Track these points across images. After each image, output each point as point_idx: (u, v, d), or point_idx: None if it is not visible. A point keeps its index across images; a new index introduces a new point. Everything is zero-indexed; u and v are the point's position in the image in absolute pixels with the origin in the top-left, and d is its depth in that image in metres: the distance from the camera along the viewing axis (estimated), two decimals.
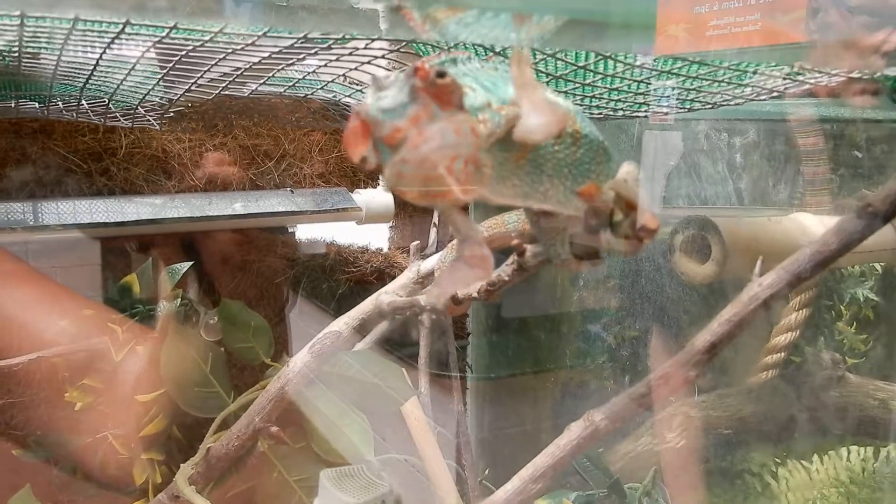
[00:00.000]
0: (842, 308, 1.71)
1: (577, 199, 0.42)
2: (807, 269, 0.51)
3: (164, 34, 0.58)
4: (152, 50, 0.71)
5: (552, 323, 1.85)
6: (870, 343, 1.72)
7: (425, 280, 0.88)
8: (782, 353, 1.56)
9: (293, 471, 1.11)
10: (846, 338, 1.71)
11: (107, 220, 1.40)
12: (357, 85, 0.94)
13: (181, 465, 1.07)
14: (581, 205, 0.41)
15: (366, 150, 0.40)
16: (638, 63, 0.67)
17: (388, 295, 0.88)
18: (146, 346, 1.19)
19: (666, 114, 0.91)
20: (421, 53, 0.74)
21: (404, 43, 0.69)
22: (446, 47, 0.70)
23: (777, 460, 1.59)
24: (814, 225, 1.36)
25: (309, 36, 0.67)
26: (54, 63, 0.72)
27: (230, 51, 0.66)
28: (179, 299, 1.26)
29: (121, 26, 0.55)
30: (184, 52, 0.65)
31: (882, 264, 1.69)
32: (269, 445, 1.09)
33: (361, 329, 0.96)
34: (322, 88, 0.93)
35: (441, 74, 0.39)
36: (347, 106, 1.11)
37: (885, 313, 1.71)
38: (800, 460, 1.56)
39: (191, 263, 1.34)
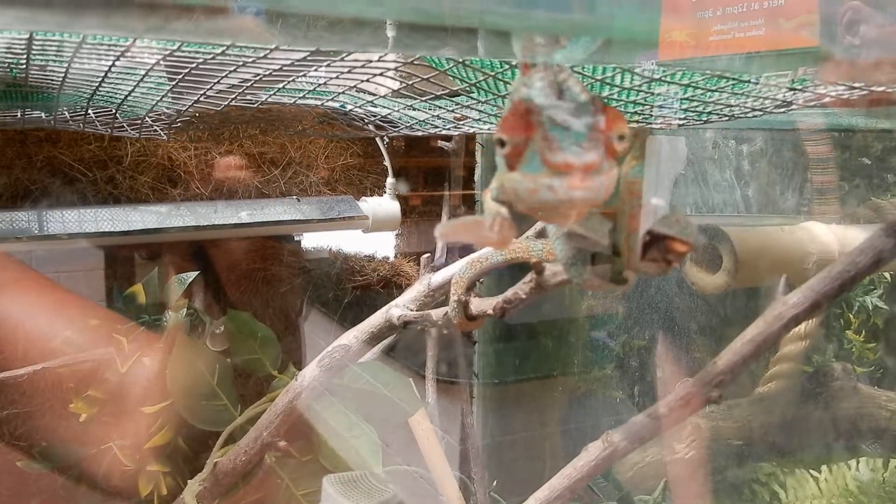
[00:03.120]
0: (851, 316, 1.69)
1: (608, 222, 0.41)
2: (834, 289, 0.50)
3: (174, 47, 0.58)
4: (157, 57, 0.70)
5: (559, 331, 1.84)
6: (878, 352, 1.71)
7: (436, 293, 0.87)
8: (792, 363, 1.55)
9: (300, 484, 1.10)
10: (855, 346, 1.70)
11: (112, 230, 1.39)
12: (368, 95, 0.93)
13: (188, 480, 1.06)
14: (608, 227, 0.41)
15: (519, 139, 0.37)
16: (657, 77, 0.66)
17: (398, 308, 0.87)
18: (152, 358, 1.19)
19: (681, 125, 0.90)
20: (433, 65, 0.73)
21: (416, 56, 0.68)
22: (459, 59, 0.69)
23: (785, 470, 1.58)
24: (824, 234, 1.34)
25: (321, 49, 0.66)
26: (62, 74, 0.72)
27: (241, 63, 0.65)
28: (185, 309, 1.26)
29: (131, 39, 0.55)
30: (193, 66, 0.65)
31: (891, 272, 1.68)
32: (276, 458, 1.08)
33: (371, 341, 0.95)
34: (332, 100, 0.92)
35: (621, 137, 0.37)
36: (357, 115, 1.10)
37: (895, 321, 1.70)
38: (808, 470, 1.55)
39: (197, 273, 1.33)
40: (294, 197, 1.59)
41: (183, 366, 1.12)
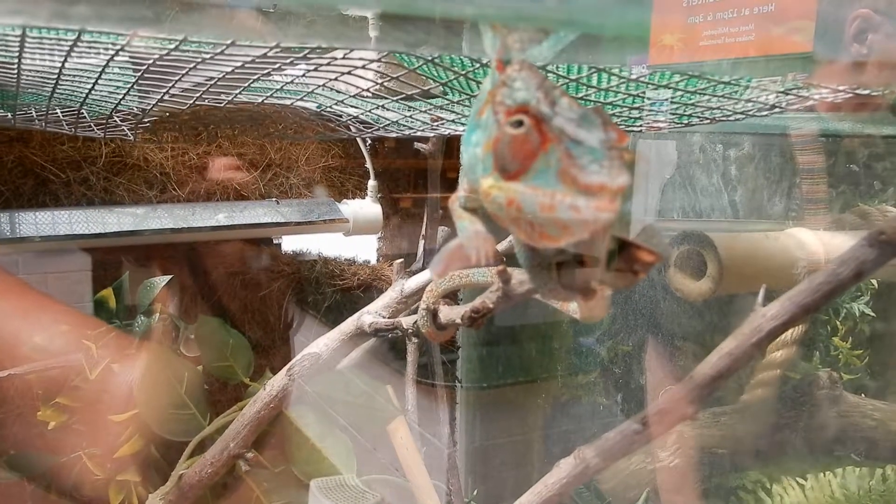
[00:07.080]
0: (837, 323, 1.68)
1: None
2: (814, 300, 0.47)
3: (125, 42, 0.55)
4: (123, 55, 0.67)
5: (544, 335, 1.82)
6: (865, 359, 1.69)
7: (409, 300, 0.85)
8: (778, 370, 1.53)
9: (272, 495, 1.07)
10: (842, 353, 1.68)
11: (86, 232, 1.36)
12: (341, 94, 0.91)
13: (151, 494, 1.02)
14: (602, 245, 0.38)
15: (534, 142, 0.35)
16: (633, 77, 0.64)
17: (370, 315, 0.85)
18: (122, 364, 1.16)
19: (661, 129, 0.88)
20: (405, 65, 0.71)
21: (387, 53, 0.66)
22: (430, 57, 0.66)
23: (772, 478, 1.56)
24: (811, 241, 1.33)
25: (289, 45, 0.63)
26: (15, 72, 0.69)
27: (199, 60, 0.62)
28: (158, 314, 1.23)
29: (77, 34, 0.52)
30: (150, 62, 0.62)
31: (878, 279, 1.67)
32: (248, 469, 1.05)
33: (343, 348, 0.92)
34: (303, 98, 0.89)
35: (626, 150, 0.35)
36: (336, 113, 1.07)
37: (881, 329, 1.69)
38: (795, 478, 1.53)
39: (171, 277, 1.31)
40: (273, 199, 1.56)
41: (151, 375, 1.09)
